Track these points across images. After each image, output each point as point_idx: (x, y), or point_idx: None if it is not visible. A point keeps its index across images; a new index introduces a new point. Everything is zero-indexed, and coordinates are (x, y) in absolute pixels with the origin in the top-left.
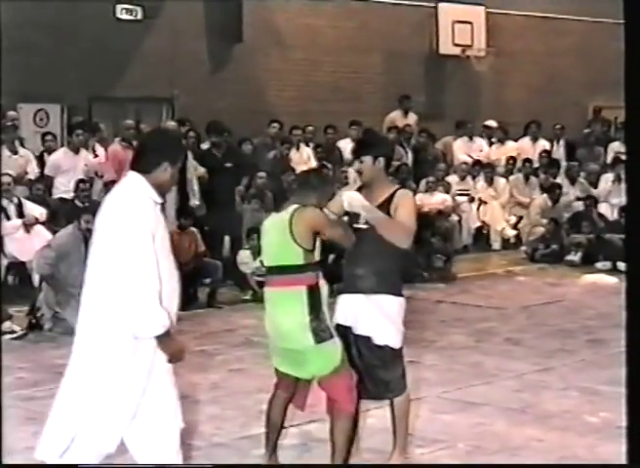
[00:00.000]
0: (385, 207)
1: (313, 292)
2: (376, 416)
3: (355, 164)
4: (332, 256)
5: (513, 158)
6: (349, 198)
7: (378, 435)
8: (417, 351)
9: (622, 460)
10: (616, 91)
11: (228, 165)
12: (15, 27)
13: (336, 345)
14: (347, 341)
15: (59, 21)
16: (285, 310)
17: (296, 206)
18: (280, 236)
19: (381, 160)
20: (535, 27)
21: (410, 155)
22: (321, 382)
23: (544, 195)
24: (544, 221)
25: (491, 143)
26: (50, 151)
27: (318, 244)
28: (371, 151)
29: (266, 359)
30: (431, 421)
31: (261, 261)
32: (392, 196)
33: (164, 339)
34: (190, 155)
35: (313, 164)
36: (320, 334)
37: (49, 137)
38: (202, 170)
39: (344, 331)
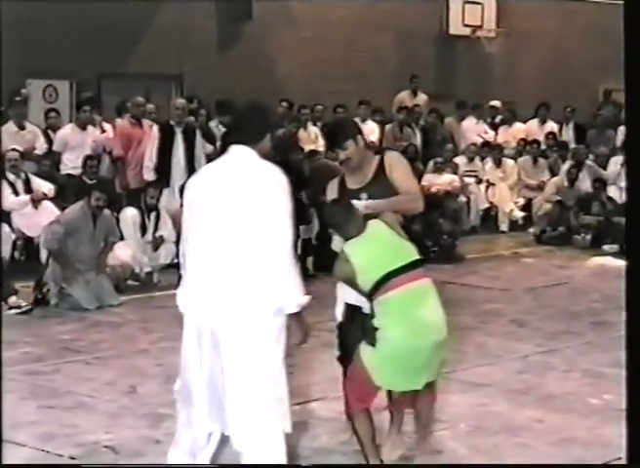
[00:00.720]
0: (381, 174)
1: None
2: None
3: (340, 155)
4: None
5: (524, 140)
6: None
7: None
8: None
9: (623, 443)
10: None
11: None
12: (24, 3)
13: None
14: (353, 320)
15: None
16: (436, 300)
17: (373, 220)
18: (395, 239)
19: (359, 137)
20: (545, 8)
21: (418, 135)
22: (424, 392)
23: (562, 175)
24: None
25: (496, 125)
26: (53, 128)
27: None
28: (349, 134)
29: None
30: None
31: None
32: (382, 161)
33: (301, 315)
34: (199, 133)
35: (321, 143)
36: None
37: (52, 114)
38: (210, 147)
39: (352, 311)
